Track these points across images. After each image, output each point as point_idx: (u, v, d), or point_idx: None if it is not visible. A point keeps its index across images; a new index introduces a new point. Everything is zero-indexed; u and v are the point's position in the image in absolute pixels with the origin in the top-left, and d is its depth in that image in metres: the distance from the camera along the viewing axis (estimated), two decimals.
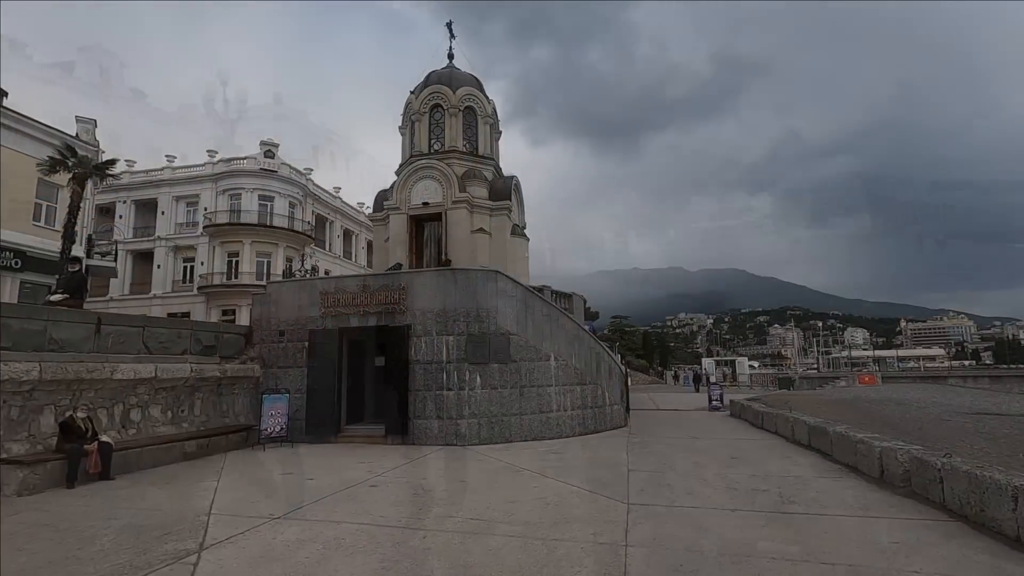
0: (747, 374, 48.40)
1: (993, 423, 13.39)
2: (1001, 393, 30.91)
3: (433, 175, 16.98)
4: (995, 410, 19.08)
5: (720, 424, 14.75)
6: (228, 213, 35.77)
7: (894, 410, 17.37)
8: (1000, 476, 5.00)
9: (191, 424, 10.59)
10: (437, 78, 18.61)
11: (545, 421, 11.84)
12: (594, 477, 7.78)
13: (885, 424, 12.40)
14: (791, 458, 9.18)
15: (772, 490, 6.85)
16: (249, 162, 36.62)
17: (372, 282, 12.08)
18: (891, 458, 7.06)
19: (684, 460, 9.09)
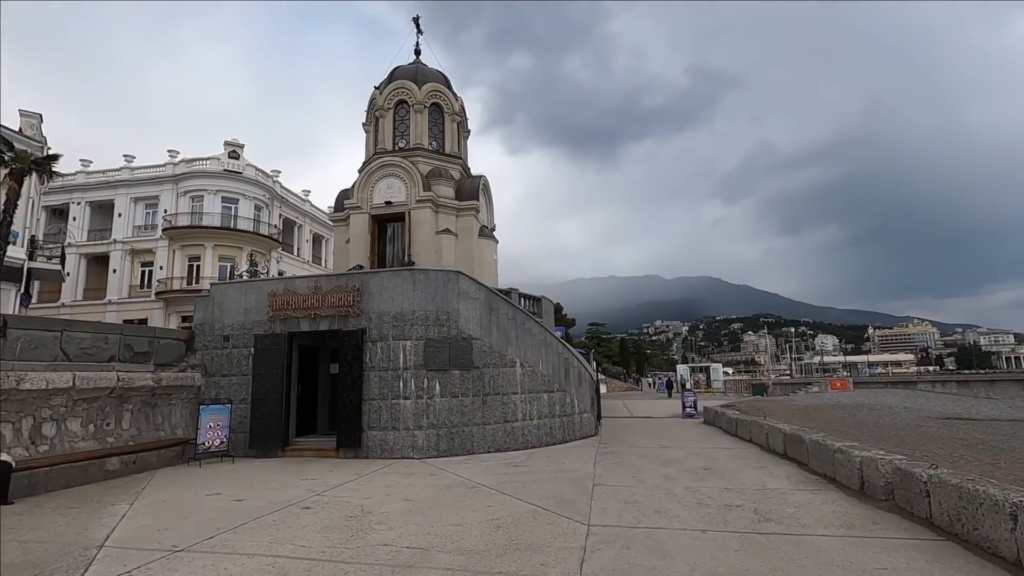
0: (721, 380, 48.45)
1: (966, 428, 13.16)
2: (968, 397, 31.30)
3: (397, 173, 16.22)
4: (965, 415, 19.04)
5: (693, 432, 14.25)
6: (189, 215, 34.35)
7: (867, 416, 17.14)
8: (995, 491, 4.49)
9: (117, 439, 9.59)
10: (402, 73, 17.90)
11: (510, 431, 11.15)
12: (556, 493, 7.11)
13: (860, 430, 12.02)
14: (766, 468, 8.65)
15: (747, 506, 6.28)
16: (212, 163, 35.27)
17: (324, 283, 11.25)
18: (872, 469, 6.56)
19: (654, 472, 8.48)
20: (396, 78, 17.77)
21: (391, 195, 16.12)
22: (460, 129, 18.42)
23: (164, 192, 34.92)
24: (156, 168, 35.69)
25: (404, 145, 17.27)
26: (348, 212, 16.55)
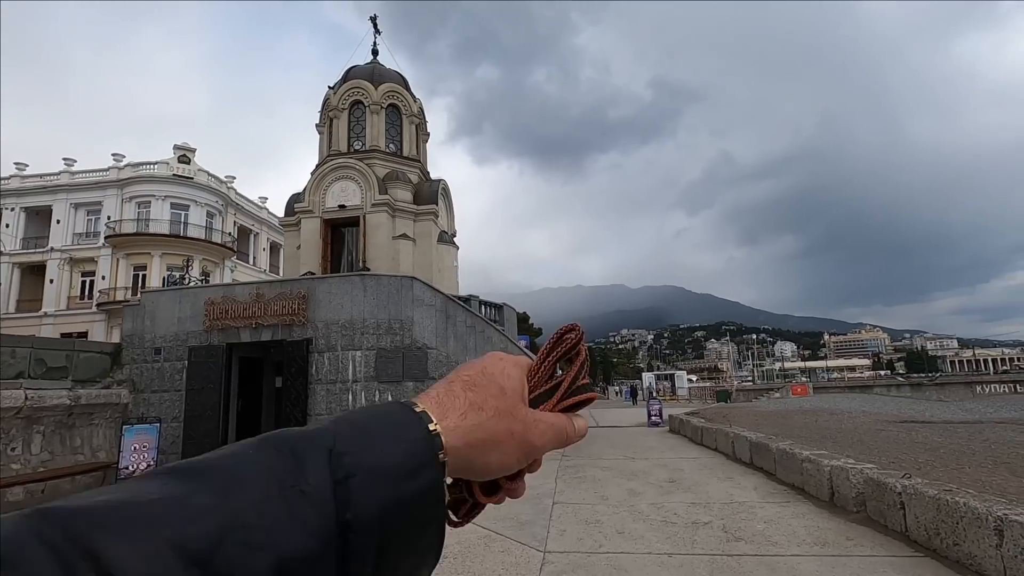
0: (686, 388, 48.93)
1: (924, 432, 13.23)
2: (922, 400, 32.27)
3: (351, 175, 15.50)
4: (920, 418, 19.39)
5: (659, 441, 13.92)
6: (135, 222, 32.61)
7: (829, 420, 17.21)
8: (977, 503, 4.17)
9: (25, 464, 8.55)
10: (358, 73, 17.22)
11: None
12: (512, 515, 6.55)
13: (824, 436, 11.90)
14: (733, 479, 8.30)
15: (714, 522, 5.86)
16: (161, 167, 33.64)
17: (267, 290, 10.46)
18: (842, 479, 6.25)
19: (618, 487, 8.02)
20: (351, 78, 17.07)
21: (345, 198, 15.37)
22: (419, 132, 17.82)
23: (108, 198, 33.07)
24: (99, 173, 33.80)
25: (360, 147, 16.57)
26: (299, 216, 15.71)
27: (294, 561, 0.29)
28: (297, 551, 0.29)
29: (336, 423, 0.37)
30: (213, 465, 0.31)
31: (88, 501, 0.27)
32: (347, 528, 0.31)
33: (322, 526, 0.30)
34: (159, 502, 0.28)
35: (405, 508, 0.34)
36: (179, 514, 0.28)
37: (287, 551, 0.29)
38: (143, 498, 0.28)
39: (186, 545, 0.26)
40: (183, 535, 0.27)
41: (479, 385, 0.48)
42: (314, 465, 0.32)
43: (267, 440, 0.34)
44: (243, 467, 0.31)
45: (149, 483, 0.30)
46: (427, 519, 0.36)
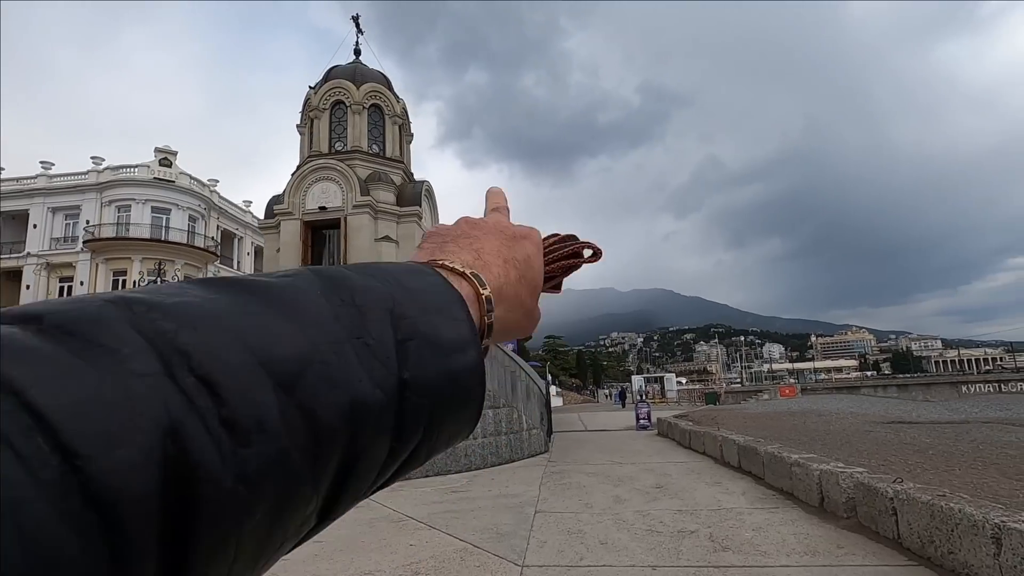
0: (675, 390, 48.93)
1: (912, 432, 13.17)
2: (908, 401, 32.46)
3: (332, 176, 15.18)
4: (908, 418, 19.40)
5: (647, 445, 13.72)
6: (115, 227, 31.94)
7: (817, 422, 17.14)
8: (973, 510, 3.98)
9: None
10: (339, 73, 16.91)
11: (451, 452, 10.24)
12: (492, 525, 6.29)
13: (813, 438, 11.77)
14: (721, 484, 8.11)
15: (701, 531, 5.64)
16: (141, 170, 33.01)
17: None
18: (832, 483, 6.06)
19: (603, 494, 7.78)
20: (333, 77, 16.76)
21: (326, 200, 15.05)
22: (402, 132, 17.55)
23: (86, 201, 32.38)
24: (77, 176, 33.08)
25: (341, 148, 16.26)
26: (279, 219, 15.35)
27: (364, 405, 0.30)
28: (367, 396, 0.30)
29: (389, 285, 0.36)
30: (284, 295, 0.31)
31: (170, 299, 0.27)
32: (405, 386, 0.32)
33: (385, 378, 0.31)
34: (243, 315, 0.28)
35: (455, 379, 0.35)
36: (263, 333, 0.27)
37: (358, 394, 0.30)
38: (223, 307, 0.28)
39: (272, 365, 0.27)
40: (269, 355, 0.27)
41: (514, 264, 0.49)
42: (378, 321, 0.33)
43: (330, 284, 0.33)
44: (314, 306, 0.31)
45: (218, 292, 0.29)
46: (470, 393, 0.37)
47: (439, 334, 0.35)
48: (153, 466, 0.21)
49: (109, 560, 0.19)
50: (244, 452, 0.24)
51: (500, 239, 0.50)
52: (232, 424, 0.24)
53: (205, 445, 0.23)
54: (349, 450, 0.29)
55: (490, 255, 0.48)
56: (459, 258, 0.46)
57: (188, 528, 0.22)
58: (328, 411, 0.28)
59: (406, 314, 0.35)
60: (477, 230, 0.50)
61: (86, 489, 0.19)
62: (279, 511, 0.26)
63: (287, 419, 0.26)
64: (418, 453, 0.35)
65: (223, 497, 0.23)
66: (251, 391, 0.25)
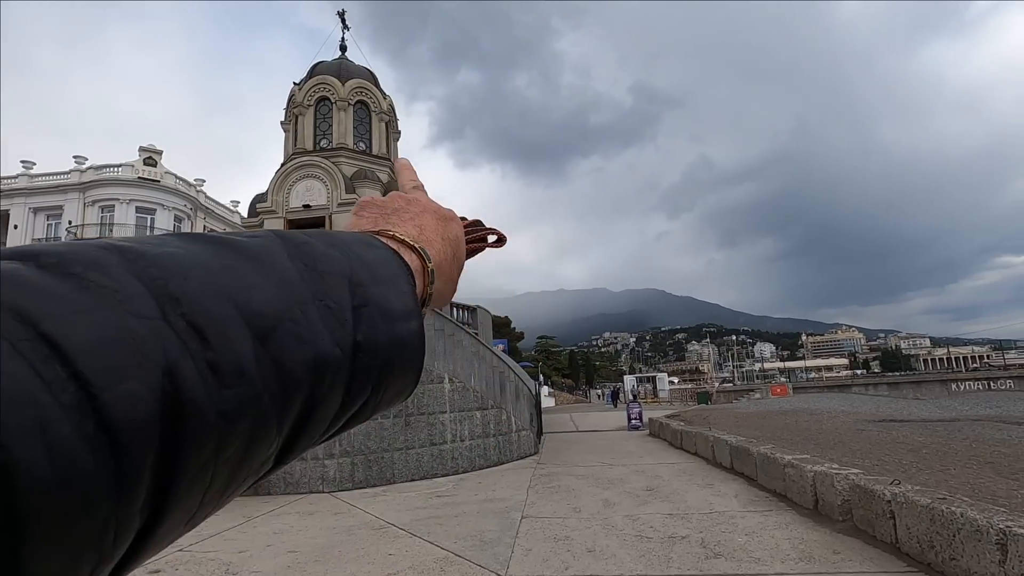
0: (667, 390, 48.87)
1: (904, 431, 13.07)
2: (899, 399, 32.55)
3: (317, 174, 14.85)
4: (899, 416, 19.37)
5: (638, 446, 13.52)
6: (98, 227, 31.36)
7: (809, 421, 17.04)
8: (976, 514, 3.79)
9: None
10: (324, 69, 16.58)
11: (437, 455, 9.99)
12: (476, 532, 6.05)
13: (805, 438, 11.63)
14: (713, 486, 7.91)
15: (693, 536, 5.43)
16: (125, 170, 32.44)
17: None
18: (827, 485, 5.87)
19: (592, 497, 7.56)
20: (317, 73, 16.42)
21: (310, 198, 14.72)
22: (389, 129, 17.25)
23: (69, 202, 31.77)
24: (60, 176, 32.46)
25: (326, 145, 15.93)
26: (262, 217, 15.00)
27: (325, 362, 0.32)
28: (328, 354, 0.33)
29: (346, 254, 0.39)
30: (258, 254, 0.33)
31: (156, 249, 0.29)
32: (358, 348, 0.35)
33: (343, 339, 0.34)
34: (224, 269, 0.30)
35: (401, 343, 0.39)
36: (243, 286, 0.30)
37: (320, 351, 0.32)
38: (205, 259, 0.30)
39: (251, 318, 0.29)
40: (248, 308, 0.29)
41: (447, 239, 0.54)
42: (337, 287, 0.36)
43: (294, 249, 0.36)
44: (283, 267, 0.34)
45: (198, 245, 0.31)
46: (413, 358, 0.41)
47: (388, 303, 0.39)
48: (154, 399, 0.23)
49: (114, 477, 0.21)
50: (226, 392, 0.26)
51: (435, 218, 0.54)
52: (217, 367, 0.26)
53: (195, 384, 0.25)
54: (309, 400, 0.32)
55: (430, 232, 0.51)
56: (404, 230, 0.49)
57: (176, 455, 0.24)
58: (295, 363, 0.30)
59: (361, 282, 0.38)
60: (413, 206, 0.53)
61: (99, 415, 0.21)
62: (249, 446, 0.28)
63: (261, 367, 0.28)
64: (365, 408, 0.38)
65: (207, 430, 0.25)
66: (233, 340, 0.27)
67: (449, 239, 0.54)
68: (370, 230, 0.48)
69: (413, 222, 0.51)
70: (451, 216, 0.57)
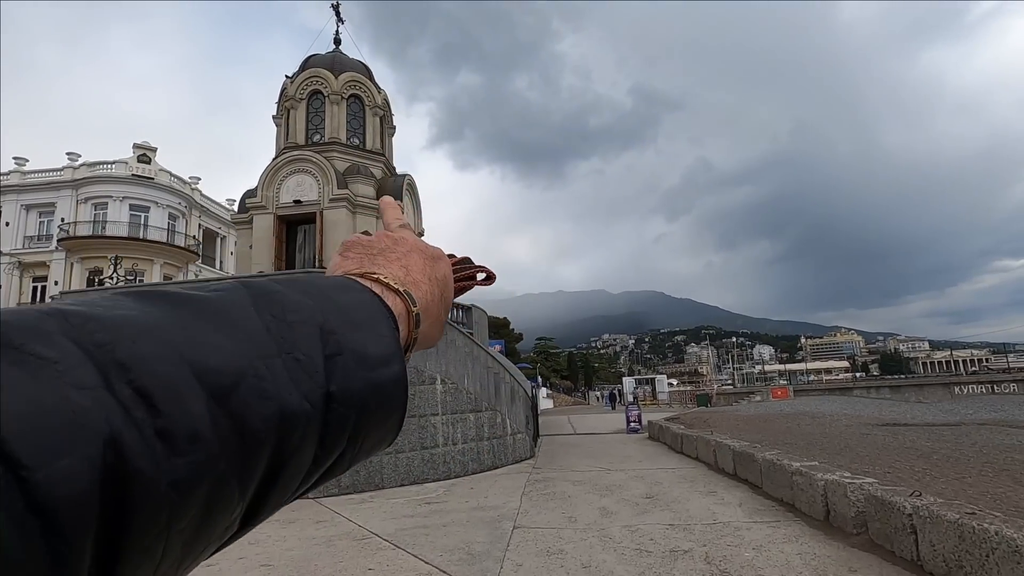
0: (666, 392, 48.49)
1: (911, 435, 12.71)
2: (901, 402, 32.20)
3: (308, 169, 14.45)
4: (903, 420, 19.03)
5: (637, 449, 13.14)
6: (91, 224, 30.97)
7: (811, 424, 16.68)
8: (1012, 532, 3.41)
9: None
10: (317, 62, 16.19)
11: (428, 459, 9.61)
12: (464, 543, 5.66)
13: (810, 443, 11.25)
14: (716, 494, 7.53)
15: (696, 550, 5.05)
16: (119, 167, 32.05)
17: None
18: (839, 495, 5.49)
19: (589, 505, 7.18)
20: (310, 66, 16.04)
21: (301, 193, 14.33)
22: (384, 124, 16.86)
23: (61, 199, 31.38)
24: (52, 172, 32.07)
25: (319, 139, 15.55)
26: (252, 213, 14.60)
27: (293, 417, 0.31)
28: (297, 409, 0.31)
29: (319, 301, 0.38)
30: (219, 308, 0.32)
31: (106, 312, 0.27)
32: (331, 399, 0.34)
33: (312, 392, 0.33)
34: (179, 328, 0.29)
35: (379, 390, 0.37)
36: (198, 346, 0.29)
37: (287, 406, 0.31)
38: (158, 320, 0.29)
39: (207, 377, 0.28)
40: (204, 367, 0.28)
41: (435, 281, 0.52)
42: (307, 337, 0.34)
43: (261, 299, 0.35)
44: (248, 320, 0.32)
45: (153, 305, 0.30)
46: (394, 404, 0.39)
47: (365, 349, 0.37)
48: (93, 475, 0.22)
49: (50, 562, 0.20)
50: (177, 460, 0.25)
51: (422, 257, 0.52)
52: (167, 434, 0.25)
53: (141, 454, 0.24)
54: (275, 459, 0.30)
55: (417, 273, 0.50)
56: (390, 272, 0.47)
57: (122, 530, 0.23)
58: (258, 422, 0.29)
59: (334, 330, 0.36)
60: (400, 246, 0.52)
61: (30, 496, 0.20)
62: (207, 514, 0.27)
63: (219, 429, 0.27)
64: (342, 461, 0.37)
65: (157, 502, 0.24)
66: (185, 402, 0.26)
67: (437, 279, 0.52)
68: (355, 272, 0.46)
69: (399, 263, 0.50)
70: (439, 255, 0.56)
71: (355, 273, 0.46)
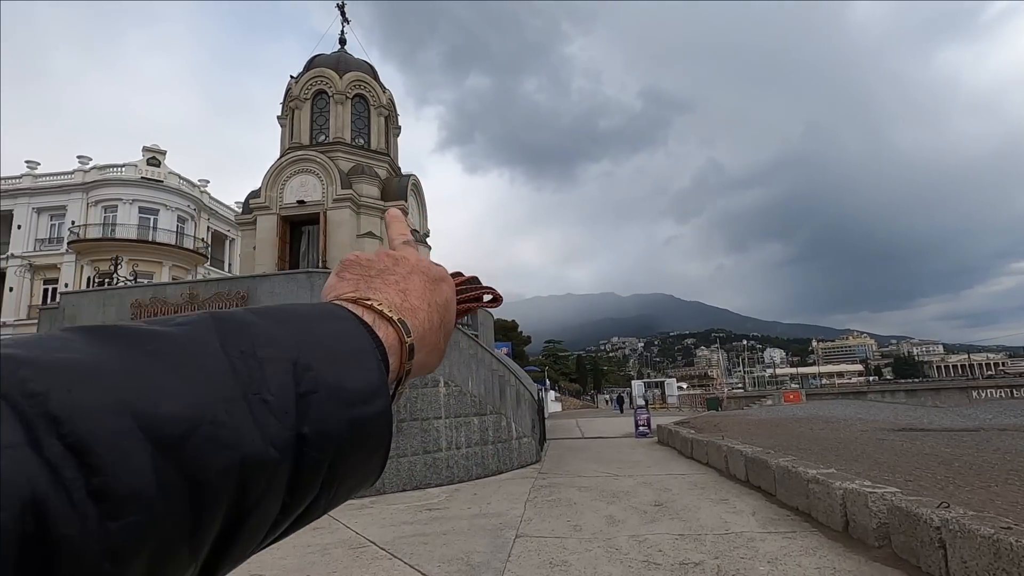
0: (676, 395, 47.97)
1: (930, 441, 12.31)
2: (917, 407, 31.54)
3: (312, 169, 14.33)
4: (920, 425, 18.54)
5: (646, 454, 12.83)
6: (101, 227, 31.10)
7: (825, 429, 16.29)
8: None
9: None
10: (322, 61, 16.10)
11: (431, 463, 9.39)
12: (464, 553, 5.42)
13: (825, 448, 10.90)
14: (728, 502, 7.24)
15: (707, 563, 4.78)
16: (128, 170, 32.20)
17: (202, 290, 9.30)
18: (859, 505, 5.19)
19: (595, 513, 6.91)
20: (315, 66, 15.95)
21: (305, 194, 14.20)
22: (389, 124, 16.73)
23: (72, 202, 31.57)
24: (63, 176, 32.29)
25: (323, 140, 15.43)
26: (255, 214, 14.51)
27: (255, 465, 0.28)
28: (260, 456, 0.29)
29: (298, 333, 0.35)
30: (177, 348, 0.29)
31: (47, 355, 0.25)
32: (303, 440, 0.31)
33: (281, 435, 0.30)
34: (126, 373, 0.26)
35: (359, 429, 0.34)
36: (146, 392, 0.26)
37: (249, 454, 0.28)
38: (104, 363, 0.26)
39: (155, 427, 0.25)
40: (152, 416, 0.25)
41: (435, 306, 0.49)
42: (279, 374, 0.32)
43: (231, 334, 0.32)
44: (210, 360, 0.30)
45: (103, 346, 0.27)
46: (376, 443, 0.36)
47: (344, 384, 0.34)
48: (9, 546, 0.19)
49: None
50: (112, 524, 0.22)
51: (424, 280, 0.49)
52: (102, 494, 0.22)
53: (68, 520, 0.21)
54: (235, 512, 0.28)
55: (416, 298, 0.47)
56: (386, 297, 0.44)
57: None
58: (212, 474, 0.26)
59: (311, 365, 0.33)
60: (400, 267, 0.49)
61: None
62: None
63: (164, 485, 0.24)
64: (315, 506, 0.34)
65: (88, 572, 0.21)
66: (126, 457, 0.23)
67: (437, 304, 0.49)
68: (347, 296, 0.43)
69: (397, 287, 0.46)
70: (442, 276, 0.52)
71: (347, 298, 0.42)
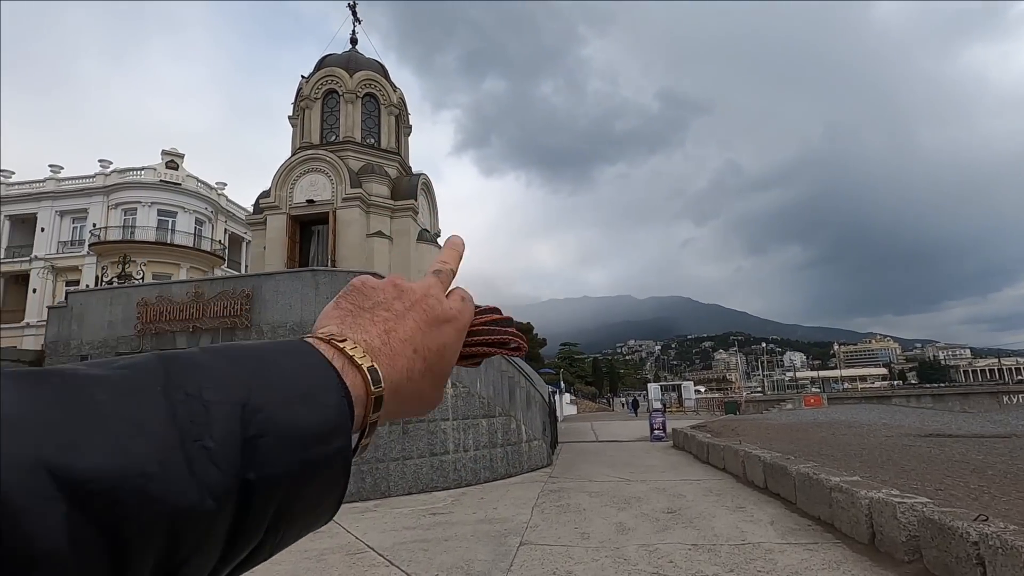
0: (693, 399, 47.21)
1: (959, 448, 11.75)
2: (945, 412, 30.53)
3: (322, 168, 14.26)
4: (948, 431, 17.83)
5: (660, 459, 12.47)
6: (121, 229, 31.62)
7: (848, 434, 15.72)
8: None
9: None
10: (333, 61, 16.07)
11: (438, 466, 9.17)
12: (464, 562, 5.18)
13: (848, 454, 10.45)
14: (745, 509, 6.90)
15: None
16: (148, 173, 32.72)
17: (207, 289, 9.22)
18: (887, 516, 4.83)
19: (605, 520, 6.62)
20: (325, 65, 15.93)
21: (314, 193, 14.14)
22: (399, 123, 16.63)
23: (93, 205, 32.16)
24: (85, 179, 32.92)
25: (334, 139, 15.38)
26: (266, 213, 14.49)
27: (189, 518, 0.27)
28: (195, 507, 0.27)
29: (250, 373, 0.33)
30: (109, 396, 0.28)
31: None
32: (248, 487, 0.30)
33: (221, 484, 0.29)
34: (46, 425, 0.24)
35: (311, 472, 0.33)
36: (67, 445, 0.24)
37: (183, 506, 0.27)
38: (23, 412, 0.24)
39: (73, 483, 0.23)
40: (69, 470, 0.23)
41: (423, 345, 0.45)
42: (224, 419, 0.30)
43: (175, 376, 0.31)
44: (147, 407, 0.28)
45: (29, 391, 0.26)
46: (331, 484, 0.35)
47: (298, 423, 0.33)
48: None
49: None
50: None
51: (420, 321, 0.45)
52: (6, 558, 0.21)
53: None
54: (166, 564, 0.26)
55: (400, 341, 0.43)
56: (365, 338, 0.41)
57: None
58: (138, 529, 0.25)
59: (261, 407, 0.32)
60: (400, 302, 0.45)
61: None
62: None
63: (80, 542, 0.23)
64: (260, 551, 0.32)
65: None
66: (35, 517, 0.22)
67: (428, 349, 0.44)
68: (324, 333, 0.40)
69: (383, 326, 0.43)
70: (448, 317, 0.47)
71: (322, 335, 0.40)
